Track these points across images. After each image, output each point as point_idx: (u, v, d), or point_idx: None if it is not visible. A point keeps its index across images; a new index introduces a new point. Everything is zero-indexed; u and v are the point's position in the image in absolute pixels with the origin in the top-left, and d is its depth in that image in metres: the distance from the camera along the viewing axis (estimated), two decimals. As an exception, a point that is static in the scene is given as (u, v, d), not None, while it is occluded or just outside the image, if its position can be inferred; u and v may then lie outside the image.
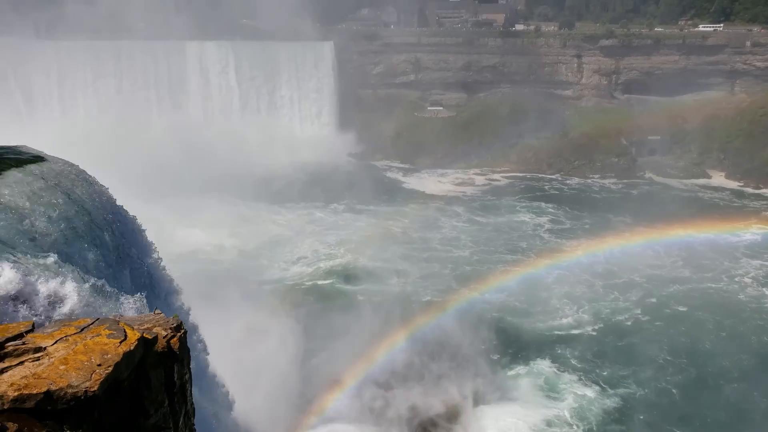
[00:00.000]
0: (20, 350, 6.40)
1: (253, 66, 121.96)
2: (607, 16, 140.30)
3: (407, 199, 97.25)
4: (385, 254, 73.60)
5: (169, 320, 8.57)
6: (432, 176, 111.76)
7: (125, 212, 17.70)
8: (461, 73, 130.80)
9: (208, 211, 79.32)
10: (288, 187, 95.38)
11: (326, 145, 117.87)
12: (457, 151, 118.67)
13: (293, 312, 54.10)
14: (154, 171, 78.84)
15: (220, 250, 71.96)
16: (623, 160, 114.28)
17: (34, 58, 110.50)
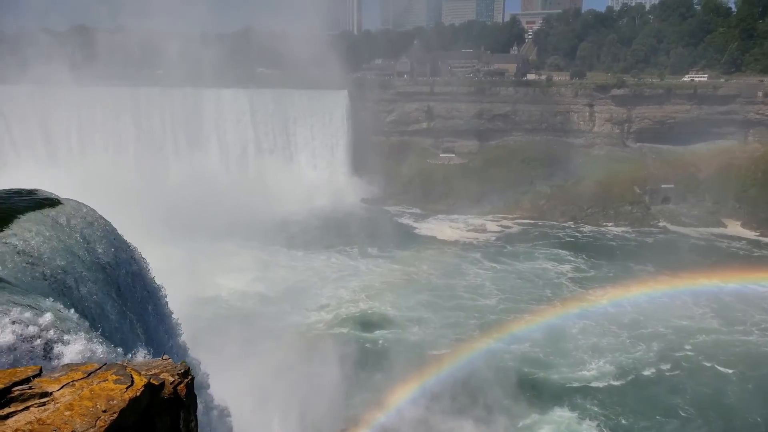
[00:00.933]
0: (26, 395, 6.34)
1: (269, 113, 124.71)
2: (618, 66, 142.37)
3: (422, 244, 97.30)
4: (407, 301, 72.94)
5: (176, 366, 8.48)
6: (444, 222, 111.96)
7: (139, 256, 17.81)
8: (473, 121, 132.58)
9: (223, 255, 79.98)
10: (303, 233, 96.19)
11: (340, 191, 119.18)
12: (470, 198, 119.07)
13: (310, 358, 53.41)
14: (170, 215, 79.94)
15: (240, 295, 72.05)
16: (637, 208, 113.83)
17: (56, 102, 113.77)
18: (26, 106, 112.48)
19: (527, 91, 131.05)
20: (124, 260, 16.50)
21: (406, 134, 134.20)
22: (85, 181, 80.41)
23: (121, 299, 15.29)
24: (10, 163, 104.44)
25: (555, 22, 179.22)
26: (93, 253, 14.86)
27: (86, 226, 15.54)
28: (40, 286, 12.02)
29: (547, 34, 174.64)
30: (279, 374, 47.04)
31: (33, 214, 14.48)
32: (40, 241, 13.25)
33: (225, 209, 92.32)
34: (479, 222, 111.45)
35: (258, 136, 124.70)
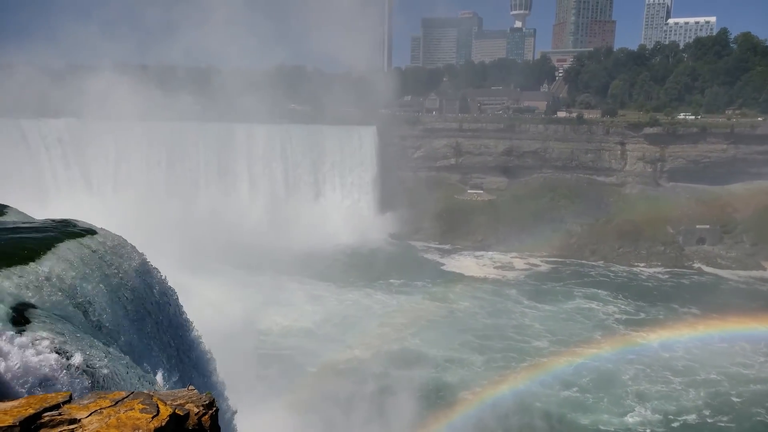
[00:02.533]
0: (56, 421, 6.47)
1: (299, 148, 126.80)
2: (651, 104, 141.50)
3: (451, 280, 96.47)
4: (451, 341, 71.23)
5: (201, 397, 8.52)
6: (470, 258, 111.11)
7: (169, 287, 18.12)
8: (502, 157, 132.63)
9: (253, 288, 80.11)
10: (331, 267, 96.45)
11: (367, 226, 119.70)
12: (497, 235, 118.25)
13: (338, 396, 52.74)
14: (201, 248, 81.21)
15: (270, 329, 71.84)
16: (670, 248, 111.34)
17: (93, 135, 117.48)
18: (66, 139, 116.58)
19: (557, 129, 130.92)
20: (154, 291, 16.80)
21: (434, 170, 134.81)
22: (119, 212, 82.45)
23: (150, 329, 15.52)
24: (51, 193, 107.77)
25: (586, 60, 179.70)
26: (124, 283, 15.18)
27: (119, 256, 15.94)
28: (72, 315, 12.31)
29: (578, 72, 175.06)
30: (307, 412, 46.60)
31: (70, 243, 14.92)
32: (75, 270, 13.63)
33: (254, 243, 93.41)
34: (506, 259, 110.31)
35: (287, 171, 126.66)
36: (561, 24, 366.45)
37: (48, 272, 12.74)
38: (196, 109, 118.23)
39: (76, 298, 12.92)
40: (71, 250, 14.36)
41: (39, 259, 13.34)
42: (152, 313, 16.01)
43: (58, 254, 13.81)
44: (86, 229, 16.58)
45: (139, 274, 16.23)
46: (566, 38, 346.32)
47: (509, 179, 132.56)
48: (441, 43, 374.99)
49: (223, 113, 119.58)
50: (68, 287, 12.90)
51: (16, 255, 13.29)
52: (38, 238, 15.10)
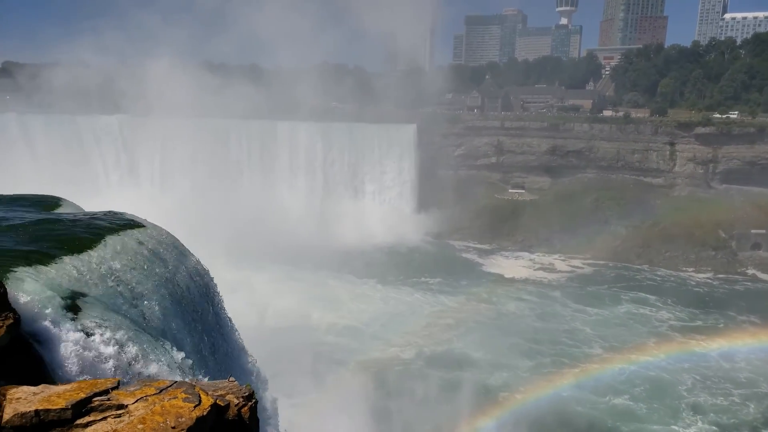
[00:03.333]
0: (105, 406, 6.74)
1: (339, 146, 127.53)
2: (704, 103, 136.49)
3: (492, 281, 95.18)
4: (498, 343, 69.38)
5: (241, 389, 8.71)
6: (510, 259, 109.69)
7: (212, 281, 18.57)
8: (545, 157, 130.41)
9: (296, 284, 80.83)
10: (369, 265, 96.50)
11: (406, 224, 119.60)
12: (539, 235, 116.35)
13: (376, 394, 52.77)
14: (242, 243, 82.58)
15: (313, 324, 72.04)
16: (721, 253, 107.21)
17: (142, 132, 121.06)
18: (116, 136, 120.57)
19: (603, 128, 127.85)
20: (197, 284, 17.24)
21: (475, 168, 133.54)
22: (165, 207, 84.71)
23: (193, 321, 15.94)
24: (101, 187, 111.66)
25: (635, 58, 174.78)
26: (169, 275, 15.65)
27: (165, 249, 16.42)
28: (120, 305, 12.77)
29: (626, 70, 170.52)
30: (347, 408, 46.90)
31: (118, 235, 15.48)
32: (123, 261, 14.12)
33: (294, 239, 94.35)
34: (547, 260, 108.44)
35: (327, 168, 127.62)
36: (609, 20, 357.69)
37: (98, 263, 13.25)
38: (240, 106, 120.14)
39: (124, 288, 13.39)
40: (120, 241, 14.89)
41: (90, 250, 13.89)
42: (195, 305, 16.45)
43: (108, 245, 14.34)
44: (134, 222, 17.15)
45: (184, 267, 16.70)
46: (614, 35, 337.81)
47: (552, 179, 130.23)
48: (484, 40, 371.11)
49: (267, 110, 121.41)
50: (116, 278, 13.38)
51: (68, 246, 13.87)
52: (89, 229, 15.70)
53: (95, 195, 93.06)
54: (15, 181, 42.95)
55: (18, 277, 10.87)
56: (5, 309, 8.91)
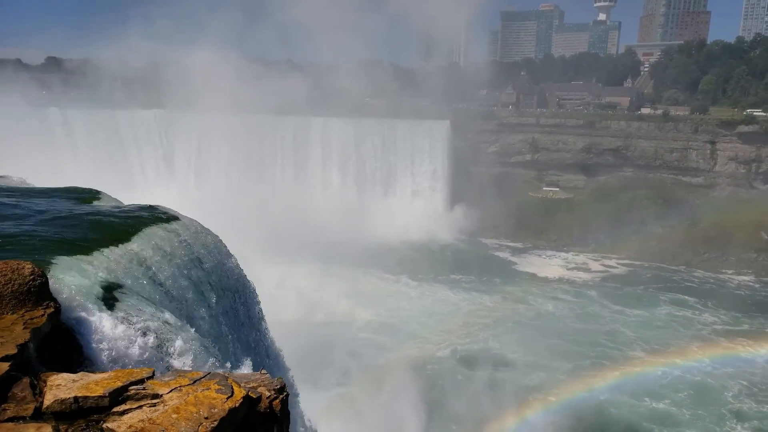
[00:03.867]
0: (140, 395, 6.86)
1: (372, 142, 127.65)
2: (747, 100, 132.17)
3: (525, 280, 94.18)
4: (535, 344, 67.86)
5: (273, 381, 8.76)
6: (542, 258, 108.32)
7: (245, 276, 18.79)
8: (581, 154, 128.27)
9: (330, 279, 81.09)
10: (401, 262, 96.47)
11: (437, 221, 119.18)
12: (572, 235, 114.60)
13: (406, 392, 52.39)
14: (276, 238, 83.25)
15: (346, 320, 71.98)
16: (764, 256, 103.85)
17: (178, 127, 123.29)
18: (153, 130, 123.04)
19: (641, 126, 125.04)
20: (231, 277, 17.48)
21: (508, 166, 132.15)
22: (200, 201, 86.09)
23: (227, 314, 16.17)
24: (139, 181, 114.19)
25: (675, 54, 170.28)
26: (204, 268, 15.89)
27: (200, 242, 16.68)
28: (156, 296, 13.02)
29: (666, 67, 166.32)
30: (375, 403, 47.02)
31: (155, 228, 15.79)
32: (159, 253, 14.40)
33: (327, 235, 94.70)
34: (580, 260, 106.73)
35: (359, 165, 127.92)
36: (649, 16, 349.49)
37: (134, 255, 13.54)
38: (276, 101, 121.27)
39: (159, 280, 13.64)
40: (156, 234, 15.18)
41: (127, 242, 14.19)
42: (228, 298, 16.68)
43: (144, 238, 14.64)
44: (170, 216, 17.46)
45: (218, 261, 16.93)
46: (654, 31, 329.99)
47: (587, 177, 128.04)
48: (520, 36, 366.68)
49: (302, 106, 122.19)
50: (152, 270, 13.65)
51: (106, 237, 14.20)
52: (127, 222, 16.06)
53: (132, 189, 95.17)
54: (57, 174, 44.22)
55: (59, 267, 11.16)
56: (47, 298, 9.16)
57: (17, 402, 6.74)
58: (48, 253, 12.09)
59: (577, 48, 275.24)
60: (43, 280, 9.15)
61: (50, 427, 6.11)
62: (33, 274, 9.03)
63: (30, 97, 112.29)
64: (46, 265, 10.80)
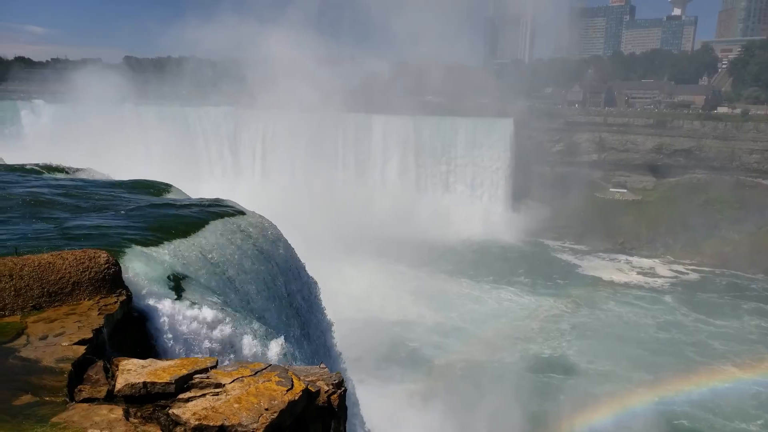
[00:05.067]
0: (204, 383, 7.06)
1: (431, 140, 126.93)
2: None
3: (590, 284, 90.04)
4: (611, 351, 63.52)
5: (332, 376, 8.84)
6: (606, 261, 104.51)
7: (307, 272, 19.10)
8: (650, 155, 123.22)
9: (389, 277, 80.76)
10: (462, 263, 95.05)
11: (498, 221, 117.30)
12: (640, 238, 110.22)
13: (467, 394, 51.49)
14: (337, 235, 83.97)
15: (404, 320, 70.78)
16: None
17: (244, 124, 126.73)
18: (221, 127, 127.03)
19: (716, 126, 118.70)
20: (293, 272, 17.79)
21: (573, 165, 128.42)
22: (264, 196, 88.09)
23: (288, 308, 16.46)
24: (206, 175, 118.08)
25: (757, 50, 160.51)
26: (267, 261, 16.23)
27: (263, 236, 17.06)
28: (221, 287, 13.39)
29: (747, 63, 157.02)
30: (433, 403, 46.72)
31: (221, 221, 16.26)
32: (225, 245, 14.81)
33: (386, 233, 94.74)
34: (647, 264, 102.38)
35: (419, 163, 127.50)
36: (728, 10, 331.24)
37: (202, 247, 13.97)
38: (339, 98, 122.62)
39: (224, 271, 14.03)
40: (223, 227, 15.63)
41: (195, 234, 14.67)
42: (290, 293, 16.99)
43: (211, 231, 15.10)
44: (236, 210, 17.96)
45: (281, 255, 17.27)
46: (734, 26, 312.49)
47: (657, 179, 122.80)
48: (588, 33, 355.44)
49: (363, 104, 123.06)
50: (218, 261, 14.05)
51: (175, 229, 14.73)
52: (195, 215, 16.61)
53: (201, 183, 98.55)
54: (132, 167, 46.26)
55: (130, 257, 11.64)
56: (119, 286, 9.59)
57: (92, 384, 7.07)
58: (121, 242, 12.65)
59: (648, 45, 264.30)
60: (116, 268, 9.58)
61: (121, 409, 6.36)
62: (108, 262, 9.47)
63: (109, 94, 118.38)
64: (119, 255, 11.29)
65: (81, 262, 9.18)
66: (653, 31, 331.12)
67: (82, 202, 18.05)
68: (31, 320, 8.36)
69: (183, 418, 6.30)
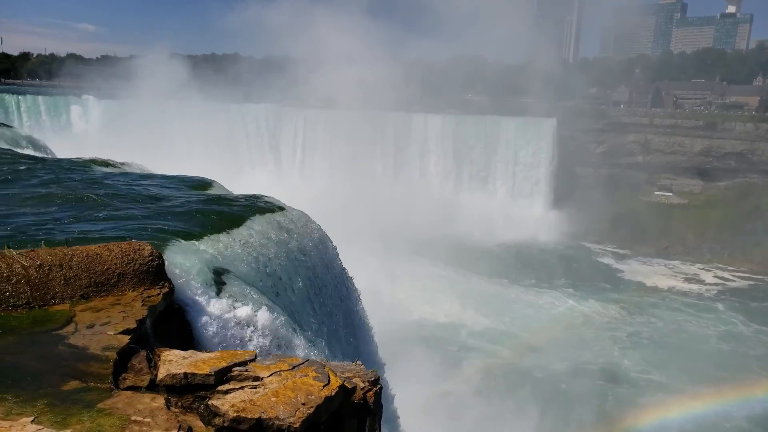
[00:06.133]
0: (243, 376, 7.17)
1: (472, 139, 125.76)
2: None
3: (635, 289, 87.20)
4: (670, 363, 59.80)
5: (368, 373, 8.85)
6: (648, 265, 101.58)
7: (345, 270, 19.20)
8: (698, 158, 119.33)
9: (432, 279, 79.78)
10: (503, 264, 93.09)
11: (539, 223, 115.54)
12: (685, 243, 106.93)
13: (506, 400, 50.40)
14: (376, 234, 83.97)
15: (457, 323, 69.53)
16: None
17: (285, 121, 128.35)
18: (261, 123, 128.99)
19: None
20: (332, 270, 17.91)
21: (617, 167, 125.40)
22: (303, 193, 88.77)
23: (326, 304, 16.58)
24: (247, 172, 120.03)
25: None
26: (306, 258, 16.39)
27: (303, 232, 17.23)
28: (260, 282, 13.58)
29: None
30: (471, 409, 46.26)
31: (261, 217, 16.50)
32: (265, 241, 15.01)
33: (425, 232, 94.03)
34: (691, 270, 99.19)
35: (459, 162, 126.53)
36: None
37: (243, 241, 14.20)
38: (381, 98, 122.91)
39: (264, 267, 14.22)
40: (263, 223, 15.86)
41: (236, 228, 14.93)
42: (329, 290, 17.11)
43: (252, 226, 15.34)
44: (276, 205, 18.20)
45: (321, 253, 17.42)
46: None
47: (705, 182, 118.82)
48: (636, 31, 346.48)
49: (403, 102, 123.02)
50: (258, 257, 14.26)
51: (217, 224, 15.02)
52: (236, 210, 16.90)
53: (241, 178, 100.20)
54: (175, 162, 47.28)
55: (173, 250, 11.91)
56: (162, 278, 9.82)
57: (135, 372, 7.26)
58: (164, 236, 12.96)
59: (699, 43, 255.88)
60: (160, 261, 9.81)
61: (163, 398, 6.51)
62: (152, 255, 9.70)
63: (154, 90, 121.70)
64: (162, 248, 11.56)
65: (126, 254, 9.44)
66: (705, 30, 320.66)
67: (127, 196, 18.60)
68: (78, 309, 8.63)
69: (222, 410, 6.41)
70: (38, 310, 8.49)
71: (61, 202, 17.04)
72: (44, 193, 18.16)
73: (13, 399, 6.02)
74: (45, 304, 8.63)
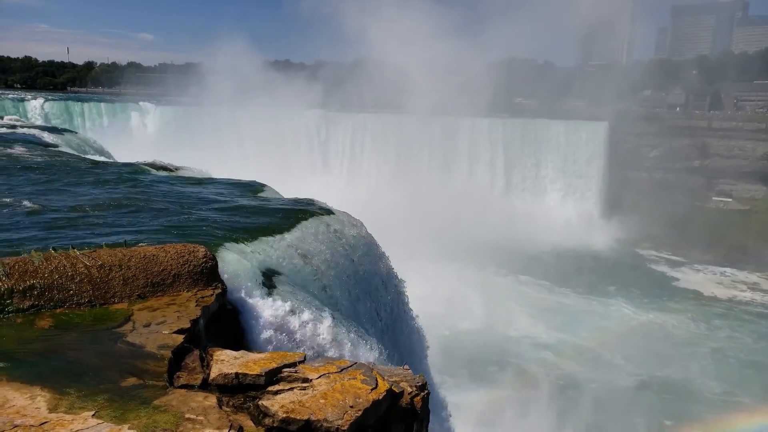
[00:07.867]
0: (292, 377, 7.26)
1: (521, 143, 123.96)
2: None
3: (693, 299, 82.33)
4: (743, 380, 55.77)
5: (415, 378, 8.82)
6: (702, 273, 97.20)
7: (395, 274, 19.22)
8: (761, 162, 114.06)
9: (482, 284, 77.83)
10: (553, 271, 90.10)
11: (590, 228, 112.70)
12: (746, 251, 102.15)
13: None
14: (424, 238, 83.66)
15: (513, 336, 66.57)
16: None
17: (333, 125, 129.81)
18: (312, 129, 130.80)
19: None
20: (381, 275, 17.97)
21: (672, 172, 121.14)
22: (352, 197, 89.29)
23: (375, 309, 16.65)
24: (294, 175, 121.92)
25: None
26: (355, 261, 16.51)
27: (352, 236, 17.37)
28: (310, 285, 13.75)
29: None
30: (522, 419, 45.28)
31: (311, 220, 16.74)
32: (315, 244, 15.22)
33: (474, 237, 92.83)
34: (750, 280, 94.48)
35: (507, 166, 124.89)
36: None
37: (294, 245, 14.43)
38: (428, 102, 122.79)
39: (314, 269, 14.40)
40: (314, 226, 16.09)
41: (287, 232, 15.19)
42: (378, 295, 17.18)
43: (302, 229, 15.58)
44: (326, 209, 18.44)
45: (370, 256, 17.52)
46: None
47: (767, 188, 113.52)
48: (693, 32, 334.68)
49: (451, 107, 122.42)
50: (308, 259, 14.45)
51: (269, 227, 15.31)
52: (287, 213, 17.20)
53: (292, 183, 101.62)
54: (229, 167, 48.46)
55: (226, 252, 12.20)
56: (216, 279, 10.07)
57: (188, 371, 7.46)
58: (218, 238, 13.29)
59: (763, 43, 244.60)
60: (213, 262, 10.06)
61: (215, 397, 6.66)
62: (206, 256, 9.97)
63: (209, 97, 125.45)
64: (216, 249, 11.85)
65: (181, 256, 9.73)
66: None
67: (182, 199, 19.19)
68: (136, 308, 8.94)
69: (272, 410, 6.50)
70: (99, 308, 8.84)
71: (119, 204, 17.72)
72: (105, 197, 18.95)
73: (76, 393, 6.28)
74: (105, 302, 8.99)
